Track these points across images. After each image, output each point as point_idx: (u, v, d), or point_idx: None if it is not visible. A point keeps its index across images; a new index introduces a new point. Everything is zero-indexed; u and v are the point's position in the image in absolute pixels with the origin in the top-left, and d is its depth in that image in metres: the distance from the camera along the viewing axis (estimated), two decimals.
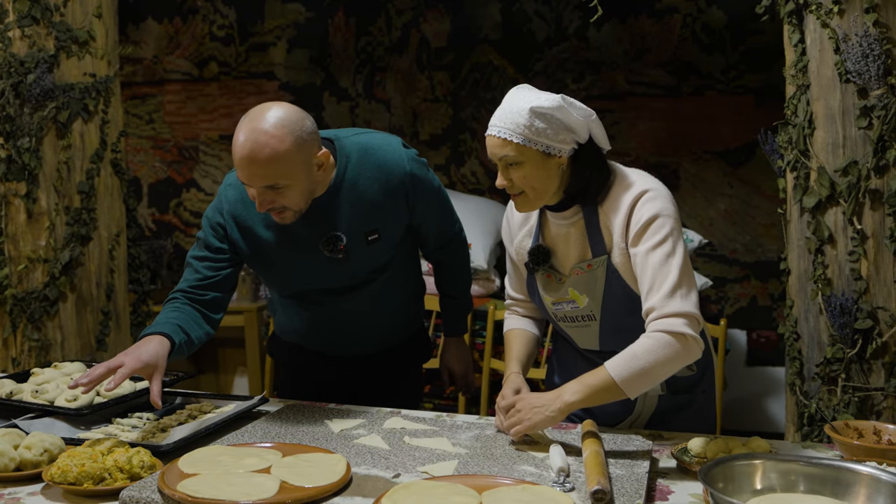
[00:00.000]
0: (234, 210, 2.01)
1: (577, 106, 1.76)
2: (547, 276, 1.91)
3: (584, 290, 1.85)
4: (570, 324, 1.92)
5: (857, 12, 2.31)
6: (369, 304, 2.12)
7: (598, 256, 1.82)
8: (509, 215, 2.02)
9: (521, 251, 1.97)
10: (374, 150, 2.00)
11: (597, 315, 1.86)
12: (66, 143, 3.07)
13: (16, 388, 2.02)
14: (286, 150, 1.78)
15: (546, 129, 1.72)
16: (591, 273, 1.83)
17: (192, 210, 5.03)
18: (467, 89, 4.62)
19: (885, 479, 1.36)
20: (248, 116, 1.82)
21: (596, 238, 1.82)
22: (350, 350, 2.21)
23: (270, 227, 1.99)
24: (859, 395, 2.39)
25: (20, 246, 3.04)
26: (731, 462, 1.44)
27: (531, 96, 1.74)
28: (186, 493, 1.42)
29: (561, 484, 1.50)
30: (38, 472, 1.59)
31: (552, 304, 1.91)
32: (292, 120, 1.81)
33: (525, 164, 1.75)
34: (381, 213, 2.00)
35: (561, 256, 1.89)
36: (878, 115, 2.30)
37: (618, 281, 1.82)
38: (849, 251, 2.38)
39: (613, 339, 1.87)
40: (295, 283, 2.08)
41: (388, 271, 2.10)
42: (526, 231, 1.96)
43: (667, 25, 4.36)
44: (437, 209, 2.16)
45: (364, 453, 1.69)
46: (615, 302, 1.83)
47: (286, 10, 4.80)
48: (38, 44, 2.99)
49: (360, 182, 1.97)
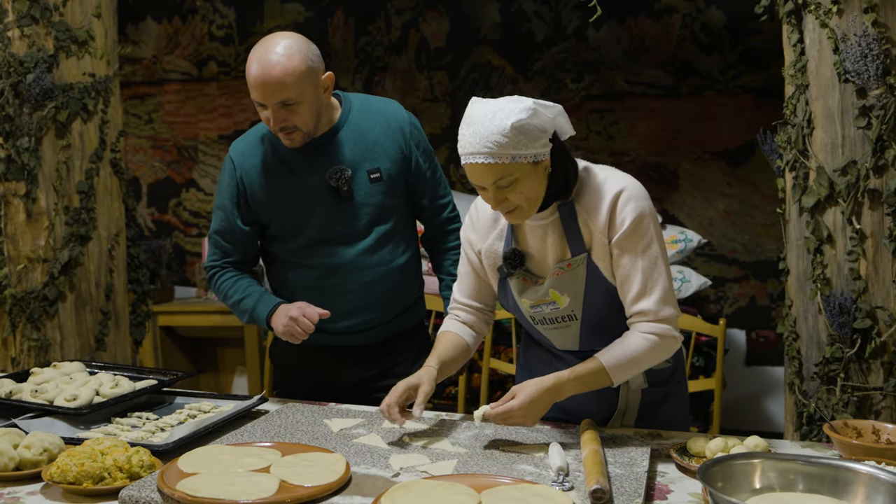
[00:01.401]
0: (242, 160, 2.18)
1: (547, 105, 1.73)
2: (523, 279, 1.86)
3: (565, 290, 1.81)
4: (549, 326, 1.88)
5: (856, 12, 2.31)
6: (368, 257, 2.17)
7: (577, 255, 1.79)
8: (474, 217, 1.94)
9: (492, 255, 1.90)
10: (375, 101, 2.25)
11: (578, 314, 1.83)
12: (65, 143, 3.07)
13: (15, 387, 2.02)
14: (295, 68, 1.99)
15: (528, 140, 1.67)
16: (572, 272, 1.80)
17: (192, 210, 5.03)
18: (466, 89, 4.63)
19: (883, 478, 1.36)
20: (258, 45, 2.03)
21: (575, 236, 1.79)
22: (352, 323, 2.21)
23: (278, 167, 2.16)
24: (858, 394, 2.39)
25: (19, 246, 3.04)
26: (729, 461, 1.44)
27: (507, 111, 1.67)
28: (186, 493, 1.42)
29: (560, 483, 1.50)
30: (38, 471, 1.59)
31: (530, 308, 1.86)
32: (299, 43, 2.03)
33: (519, 181, 1.69)
34: (382, 151, 2.17)
35: (538, 258, 1.85)
36: (877, 114, 2.30)
37: (598, 278, 1.79)
38: (847, 251, 2.38)
39: (594, 337, 1.85)
40: (303, 227, 2.16)
41: (385, 225, 2.19)
42: (496, 234, 1.90)
43: (666, 25, 4.36)
44: (432, 167, 2.29)
45: (363, 453, 1.69)
46: (596, 299, 1.81)
47: (285, 10, 4.80)
48: (38, 43, 2.99)
49: (363, 123, 2.18)
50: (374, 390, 2.24)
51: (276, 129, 2.05)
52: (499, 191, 1.70)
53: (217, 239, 2.24)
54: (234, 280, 2.23)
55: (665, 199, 4.40)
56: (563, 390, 1.73)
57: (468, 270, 1.98)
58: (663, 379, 1.92)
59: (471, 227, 1.95)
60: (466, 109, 1.73)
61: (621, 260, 1.76)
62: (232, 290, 2.21)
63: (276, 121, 2.03)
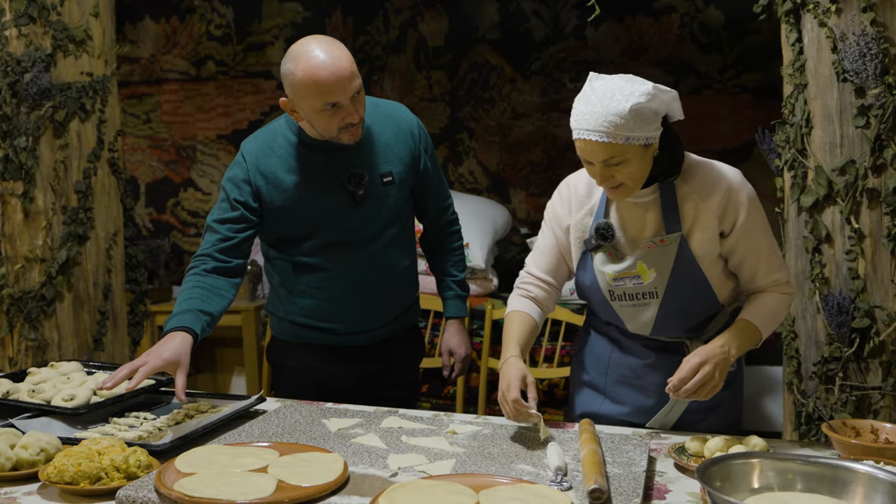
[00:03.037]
0: (256, 161, 2.13)
1: (664, 90, 1.76)
2: (608, 253, 1.90)
3: (653, 265, 1.85)
4: (626, 302, 1.91)
5: (855, 11, 2.31)
6: (378, 259, 2.17)
7: (672, 233, 1.84)
8: (565, 193, 1.98)
9: (581, 229, 1.94)
10: (384, 105, 2.25)
11: (660, 293, 1.87)
12: (62, 143, 3.06)
13: (12, 387, 2.01)
14: (350, 59, 1.99)
15: (644, 124, 1.72)
16: (664, 248, 1.84)
17: (190, 210, 5.02)
18: (465, 89, 4.62)
19: (882, 477, 1.36)
20: (301, 55, 1.96)
21: (672, 215, 1.84)
22: (355, 324, 2.21)
23: (293, 171, 2.12)
24: (857, 393, 2.39)
25: (17, 245, 3.03)
26: (728, 461, 1.44)
27: (626, 92, 1.71)
28: (183, 493, 1.41)
29: (558, 483, 1.50)
30: (35, 471, 1.59)
31: (612, 281, 1.89)
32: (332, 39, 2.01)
33: (629, 161, 1.74)
34: (394, 155, 2.18)
35: (629, 234, 1.89)
36: (876, 114, 2.30)
37: (688, 259, 1.84)
38: (846, 250, 2.38)
39: (669, 320, 1.89)
40: (316, 229, 2.14)
41: (393, 228, 2.20)
42: (587, 210, 1.94)
43: (664, 25, 4.36)
44: (437, 170, 2.31)
45: (361, 452, 1.69)
46: (681, 280, 1.86)
47: (283, 10, 4.79)
48: (35, 43, 2.99)
49: (374, 127, 2.17)
50: (372, 390, 2.25)
51: (353, 123, 2.01)
52: (606, 168, 1.76)
53: (214, 226, 2.13)
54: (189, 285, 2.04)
55: None
56: (731, 354, 1.80)
57: (550, 245, 2.00)
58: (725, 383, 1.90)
59: (560, 203, 1.98)
60: (586, 84, 1.78)
61: (748, 244, 1.86)
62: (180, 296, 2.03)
63: (352, 114, 1.99)
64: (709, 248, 1.86)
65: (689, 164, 1.88)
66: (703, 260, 1.86)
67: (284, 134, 2.15)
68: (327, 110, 1.98)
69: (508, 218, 4.17)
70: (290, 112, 2.07)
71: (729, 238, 1.87)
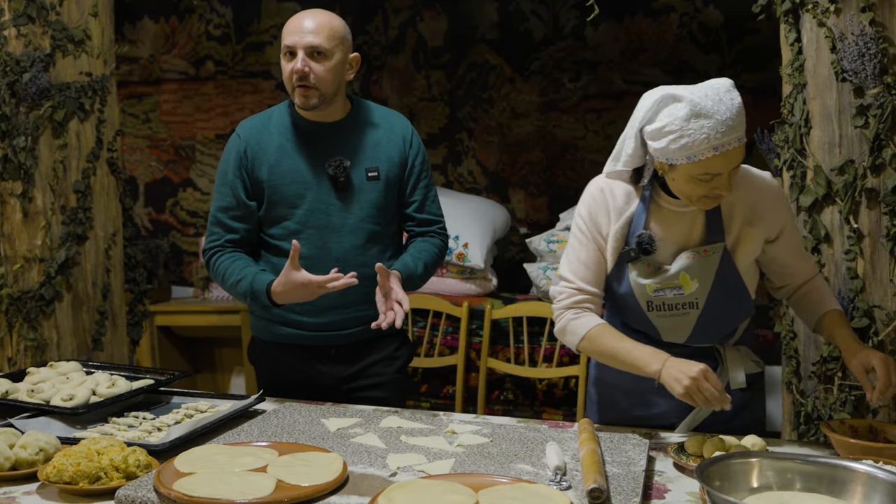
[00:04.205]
0: (249, 136, 2.23)
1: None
2: (646, 265, 1.86)
3: (696, 275, 1.83)
4: (664, 313, 1.87)
5: (854, 11, 2.31)
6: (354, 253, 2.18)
7: (715, 242, 1.83)
8: (604, 200, 1.90)
9: (619, 238, 1.88)
10: (385, 110, 2.34)
11: (700, 303, 1.85)
12: (62, 143, 3.06)
13: (11, 387, 2.01)
14: (335, 24, 2.15)
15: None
16: (706, 258, 1.83)
17: (189, 209, 5.02)
18: (464, 88, 4.62)
19: (881, 477, 1.36)
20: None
21: (716, 224, 1.84)
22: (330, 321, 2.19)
23: (282, 148, 2.20)
24: (855, 393, 2.39)
25: (16, 245, 3.03)
26: (727, 460, 1.44)
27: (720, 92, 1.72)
28: (182, 492, 1.41)
29: (557, 482, 1.50)
30: (34, 471, 1.59)
31: (653, 292, 1.85)
32: (340, 18, 2.19)
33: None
34: (383, 153, 2.24)
35: (669, 243, 1.86)
36: (875, 113, 2.30)
37: (730, 268, 1.84)
38: (845, 250, 2.38)
39: (707, 329, 1.89)
40: (295, 207, 2.18)
41: (374, 226, 2.22)
42: (625, 219, 1.88)
43: (663, 25, 4.36)
44: (428, 183, 2.33)
45: (360, 452, 1.69)
46: (723, 289, 1.85)
47: (282, 9, 4.79)
48: (34, 43, 2.99)
49: (370, 124, 2.27)
50: (352, 390, 2.24)
51: (297, 78, 2.10)
52: (730, 174, 1.75)
53: (219, 216, 2.23)
54: (231, 260, 2.20)
55: None
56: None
57: (595, 258, 1.90)
58: (750, 383, 1.92)
59: (598, 209, 1.90)
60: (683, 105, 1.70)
61: (792, 242, 1.93)
62: (229, 272, 2.18)
63: (300, 65, 2.09)
64: (752, 257, 1.86)
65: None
66: (744, 269, 1.86)
67: (281, 116, 2.25)
68: (285, 55, 2.14)
69: (507, 218, 4.17)
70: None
71: (775, 243, 1.88)
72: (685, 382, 1.69)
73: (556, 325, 1.93)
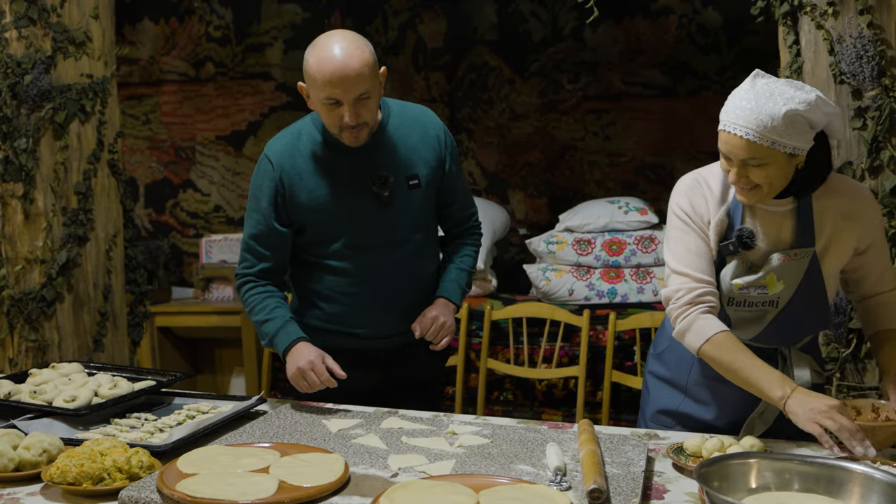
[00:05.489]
0: (282, 162, 2.12)
1: (828, 103, 1.71)
2: (741, 262, 1.83)
3: (783, 277, 1.81)
4: (742, 308, 1.85)
5: (851, 14, 2.32)
6: (404, 265, 2.16)
7: (805, 247, 1.81)
8: (703, 188, 1.87)
9: (719, 228, 1.84)
10: (412, 108, 2.23)
11: (782, 302, 1.83)
12: (62, 144, 3.07)
13: (14, 388, 2.02)
14: (367, 59, 1.97)
15: (795, 132, 1.66)
16: (796, 262, 1.80)
17: (189, 210, 5.03)
18: (464, 90, 4.63)
19: (878, 477, 1.37)
20: (317, 46, 1.99)
21: (807, 229, 1.81)
22: (374, 330, 2.18)
23: (318, 172, 2.11)
24: (854, 393, 2.40)
25: (17, 247, 3.04)
26: (726, 461, 1.45)
27: (787, 96, 1.66)
28: (185, 493, 1.42)
29: (558, 483, 1.51)
30: (37, 472, 1.59)
31: (738, 290, 1.82)
32: (359, 37, 2.01)
33: (769, 165, 1.69)
34: (420, 158, 2.16)
35: (763, 242, 1.83)
36: (873, 115, 2.31)
37: (816, 273, 1.82)
38: None
39: (779, 330, 1.86)
40: (341, 231, 2.12)
41: (419, 233, 2.19)
42: (725, 208, 1.84)
43: (662, 26, 4.37)
44: (461, 176, 2.29)
45: (362, 453, 1.70)
46: (806, 293, 1.82)
47: (282, 11, 4.80)
48: (35, 44, 3.00)
49: (401, 129, 2.16)
50: (391, 394, 2.20)
51: (350, 125, 1.99)
52: (744, 167, 1.72)
53: (251, 244, 2.17)
54: (262, 297, 2.16)
55: (661, 199, 4.41)
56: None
57: (702, 247, 1.84)
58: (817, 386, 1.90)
59: (697, 198, 1.86)
60: (748, 80, 1.72)
61: (878, 253, 1.88)
62: (259, 308, 2.15)
63: (352, 116, 1.98)
64: (838, 266, 1.85)
65: (830, 180, 1.83)
66: (829, 277, 1.84)
67: (310, 133, 2.14)
68: (327, 104, 1.99)
69: (507, 219, 4.18)
70: (305, 98, 2.07)
71: (865, 254, 1.85)
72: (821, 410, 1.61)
73: (679, 325, 1.82)
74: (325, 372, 2.02)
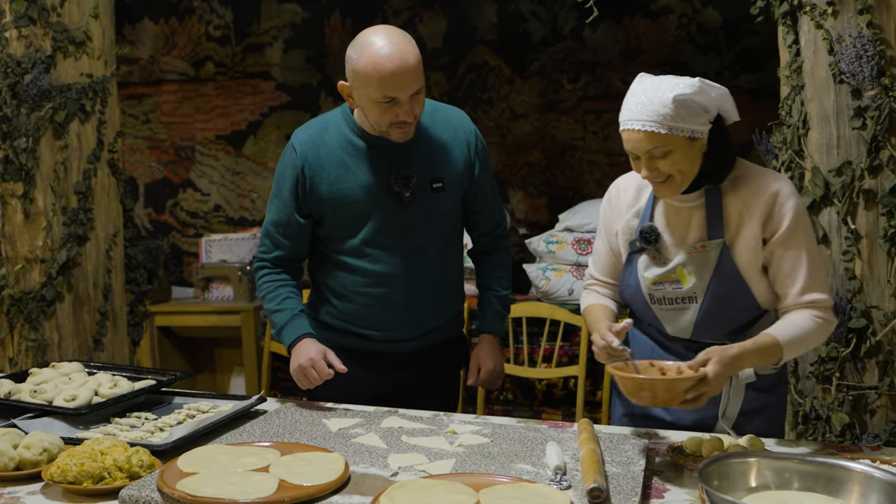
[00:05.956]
0: (306, 151, 2.11)
1: (713, 85, 1.77)
2: (651, 257, 1.90)
3: (693, 271, 1.85)
4: (666, 306, 1.90)
5: (851, 13, 2.32)
6: (424, 270, 2.13)
7: (714, 239, 1.84)
8: (615, 197, 2.00)
9: (628, 231, 1.95)
10: (443, 109, 2.20)
11: (699, 297, 1.86)
12: (62, 144, 3.07)
13: (14, 387, 2.02)
14: (418, 53, 1.95)
15: (688, 115, 1.73)
16: (704, 254, 1.84)
17: (189, 210, 5.03)
18: (463, 89, 4.64)
19: (878, 476, 1.37)
20: (365, 43, 1.94)
21: (715, 221, 1.84)
22: (391, 333, 2.16)
23: (342, 164, 2.09)
24: (853, 393, 2.41)
25: (17, 246, 3.04)
26: (726, 460, 1.45)
27: (670, 84, 1.74)
28: (185, 492, 1.42)
29: (557, 482, 1.51)
30: (38, 471, 1.60)
31: (652, 285, 1.89)
32: (404, 31, 1.98)
33: (673, 152, 1.75)
34: (447, 160, 2.13)
35: (672, 238, 1.89)
36: (872, 115, 2.31)
37: (729, 266, 1.84)
38: (843, 251, 2.40)
39: (709, 324, 1.88)
40: (360, 227, 2.10)
41: (441, 240, 2.16)
42: (634, 212, 1.95)
43: (662, 26, 4.38)
44: (491, 181, 2.27)
45: (362, 452, 1.70)
46: (721, 286, 1.84)
47: (282, 11, 4.80)
48: (35, 44, 3.00)
49: (431, 131, 2.13)
50: (408, 398, 2.16)
51: (406, 121, 1.97)
52: (651, 160, 1.77)
53: (271, 230, 2.17)
54: (275, 285, 2.17)
55: None
56: (745, 360, 1.73)
57: (605, 250, 2.03)
58: (770, 385, 1.92)
59: (609, 207, 2.01)
60: (634, 82, 1.82)
61: (786, 255, 1.82)
62: (271, 296, 2.16)
63: (409, 112, 1.95)
64: (752, 256, 1.84)
65: (740, 172, 1.86)
66: (745, 267, 1.84)
67: (337, 126, 2.11)
68: (383, 103, 1.94)
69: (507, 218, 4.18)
70: (346, 97, 2.04)
71: (768, 246, 1.84)
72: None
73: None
74: (325, 369, 2.02)
